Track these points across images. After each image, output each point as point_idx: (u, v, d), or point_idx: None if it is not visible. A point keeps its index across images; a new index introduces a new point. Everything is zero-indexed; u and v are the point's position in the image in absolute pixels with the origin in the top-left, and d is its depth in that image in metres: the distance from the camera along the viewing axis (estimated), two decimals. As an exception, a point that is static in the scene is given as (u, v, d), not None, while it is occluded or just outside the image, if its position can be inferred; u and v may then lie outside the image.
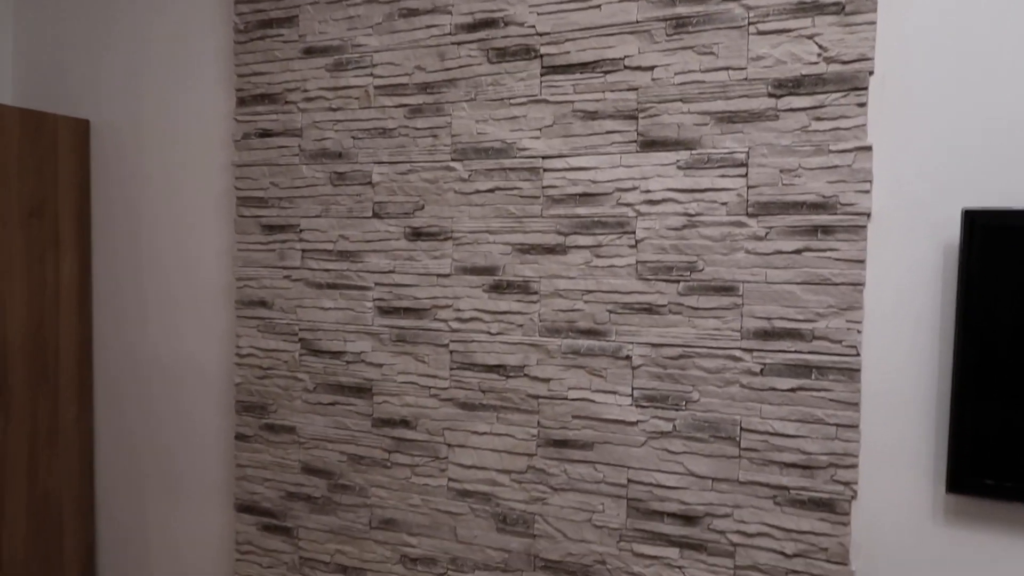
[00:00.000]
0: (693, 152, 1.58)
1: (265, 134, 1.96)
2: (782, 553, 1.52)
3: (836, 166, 1.50)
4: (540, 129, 1.68)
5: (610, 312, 1.64)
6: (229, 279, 2.16)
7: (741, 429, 1.55)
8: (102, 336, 2.40)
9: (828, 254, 1.51)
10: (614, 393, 1.64)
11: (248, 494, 2.02)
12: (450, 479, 1.78)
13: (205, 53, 2.18)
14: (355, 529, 1.89)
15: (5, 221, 2.16)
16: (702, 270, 1.57)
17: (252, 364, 2.00)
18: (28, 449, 2.23)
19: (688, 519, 1.58)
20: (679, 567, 1.59)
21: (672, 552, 1.60)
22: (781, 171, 1.54)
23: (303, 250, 1.93)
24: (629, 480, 1.63)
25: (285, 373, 1.96)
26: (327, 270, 1.90)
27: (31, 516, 2.24)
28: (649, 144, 1.61)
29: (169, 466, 2.29)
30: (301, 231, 1.93)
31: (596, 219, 1.65)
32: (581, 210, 1.65)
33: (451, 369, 1.78)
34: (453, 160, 1.76)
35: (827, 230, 1.51)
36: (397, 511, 1.84)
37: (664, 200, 1.60)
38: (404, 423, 1.83)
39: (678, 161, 1.59)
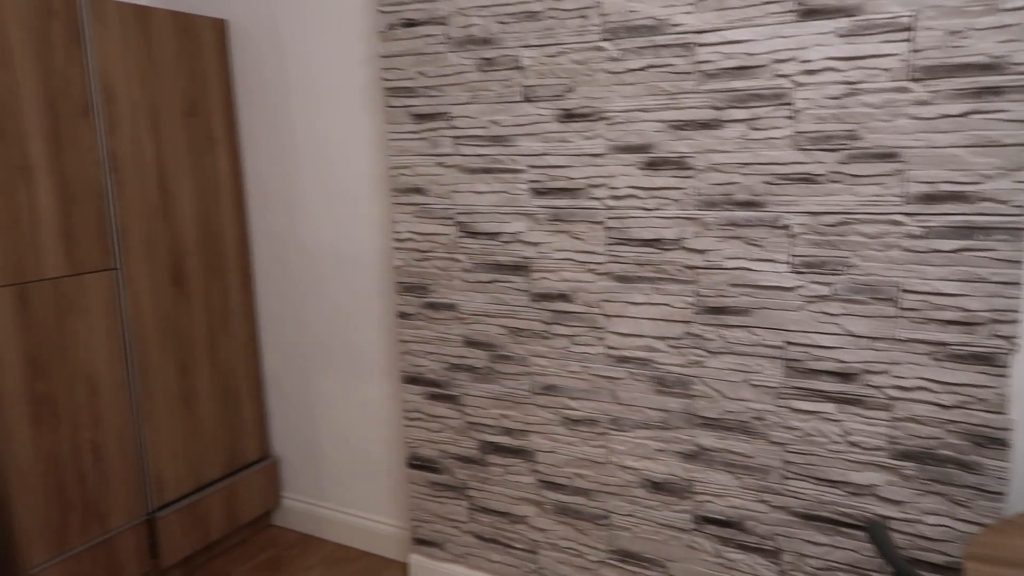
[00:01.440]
0: (854, 19, 1.56)
1: (410, 24, 2.01)
2: (939, 405, 1.61)
3: (1007, 25, 1.48)
4: (693, 3, 1.69)
5: (767, 183, 1.69)
6: (381, 168, 2.27)
7: (901, 290, 1.61)
8: (258, 227, 2.58)
9: (997, 115, 1.51)
10: (771, 261, 1.71)
11: (413, 367, 2.21)
12: (608, 347, 1.92)
13: (337, -56, 2.21)
14: (518, 395, 2.06)
15: (171, 120, 2.30)
16: (863, 138, 1.59)
17: (410, 248, 2.14)
18: (207, 331, 2.46)
19: (845, 376, 1.68)
20: (836, 420, 1.71)
21: (829, 407, 1.71)
22: (949, 33, 1.52)
23: (455, 137, 2.01)
24: (786, 342, 1.72)
25: (443, 255, 2.09)
26: (480, 155, 1.98)
27: (215, 389, 2.50)
28: (808, 13, 1.60)
29: (330, 344, 2.51)
30: (452, 118, 2.00)
31: (752, 92, 1.67)
32: (736, 84, 1.68)
33: (607, 245, 1.87)
34: (603, 40, 1.79)
35: (996, 91, 1.50)
36: (557, 378, 2.00)
37: (823, 70, 1.60)
38: (562, 297, 1.95)
39: (838, 29, 1.58)
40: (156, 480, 2.33)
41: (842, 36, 1.58)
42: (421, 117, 2.05)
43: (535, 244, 1.96)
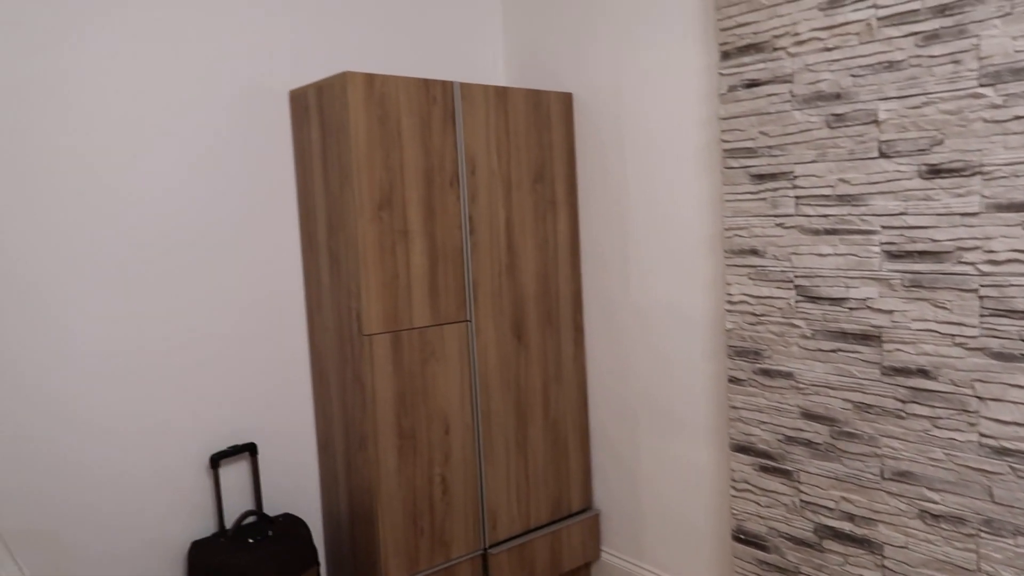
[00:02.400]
0: None
1: (752, 84, 1.98)
2: None
3: None
4: (1108, 34, 1.42)
5: None
6: (714, 229, 2.26)
7: None
8: (590, 285, 2.71)
9: None
10: None
11: (743, 435, 2.12)
12: (982, 434, 1.65)
13: (681, 14, 2.27)
14: (864, 478, 1.86)
15: (519, 186, 2.53)
16: None
17: (744, 311, 2.08)
18: (542, 382, 2.62)
19: None
20: None
21: None
22: None
23: (797, 196, 1.92)
24: None
25: (780, 319, 1.99)
26: (825, 216, 1.87)
27: (546, 437, 2.65)
28: None
29: (656, 402, 2.51)
30: (795, 177, 1.92)
31: None
32: None
33: (981, 316, 1.63)
34: (981, 86, 1.58)
35: None
36: (914, 464, 1.77)
37: None
38: (921, 372, 1.73)
39: None
40: (491, 518, 2.51)
41: None
42: (760, 177, 1.99)
43: (888, 312, 1.77)
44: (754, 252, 2.03)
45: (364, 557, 2.34)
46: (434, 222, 2.34)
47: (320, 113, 2.28)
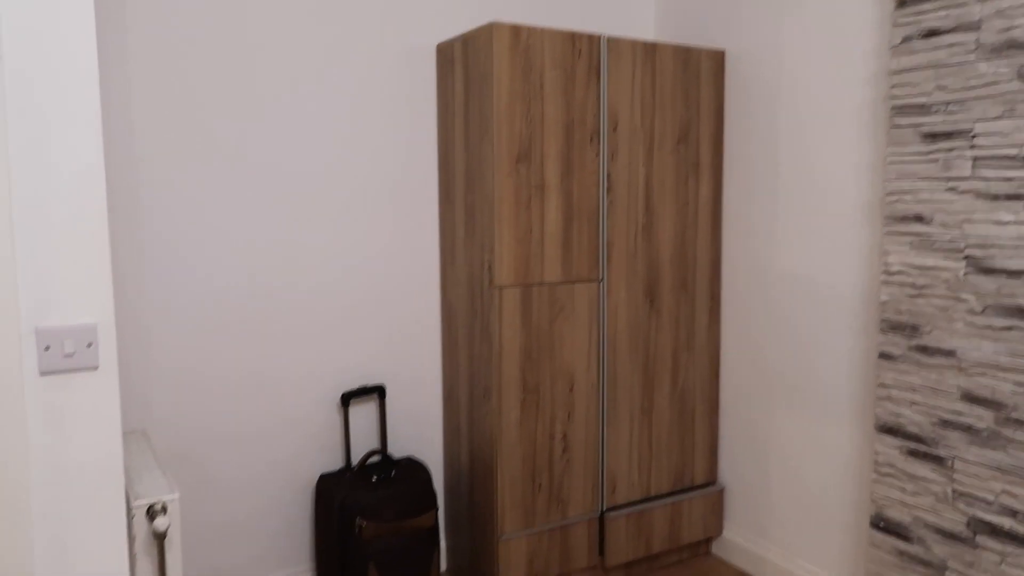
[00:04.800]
0: None
1: (931, 34, 1.82)
2: None
3: None
4: None
5: None
6: (873, 194, 2.10)
7: None
8: (729, 252, 2.60)
9: None
10: None
11: (891, 415, 1.97)
12: None
13: (850, -39, 2.11)
14: (1031, 470, 1.69)
15: (662, 146, 2.46)
16: None
17: (902, 283, 1.92)
18: (672, 349, 2.55)
19: None
20: None
21: None
22: None
23: (975, 157, 1.74)
24: None
25: (944, 293, 1.83)
26: (1007, 179, 1.69)
27: (672, 406, 2.57)
28: None
29: (794, 378, 2.38)
30: (974, 136, 1.74)
31: None
32: None
33: None
34: None
35: None
36: (1095, 458, 1.58)
37: None
38: (1113, 357, 1.54)
39: None
40: (611, 481, 2.47)
41: None
42: (932, 136, 1.83)
43: (1078, 288, 1.58)
44: (918, 219, 1.87)
45: (481, 507, 2.37)
46: (571, 178, 2.31)
47: (464, 65, 2.30)
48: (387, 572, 2.20)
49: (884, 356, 1.97)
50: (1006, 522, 1.74)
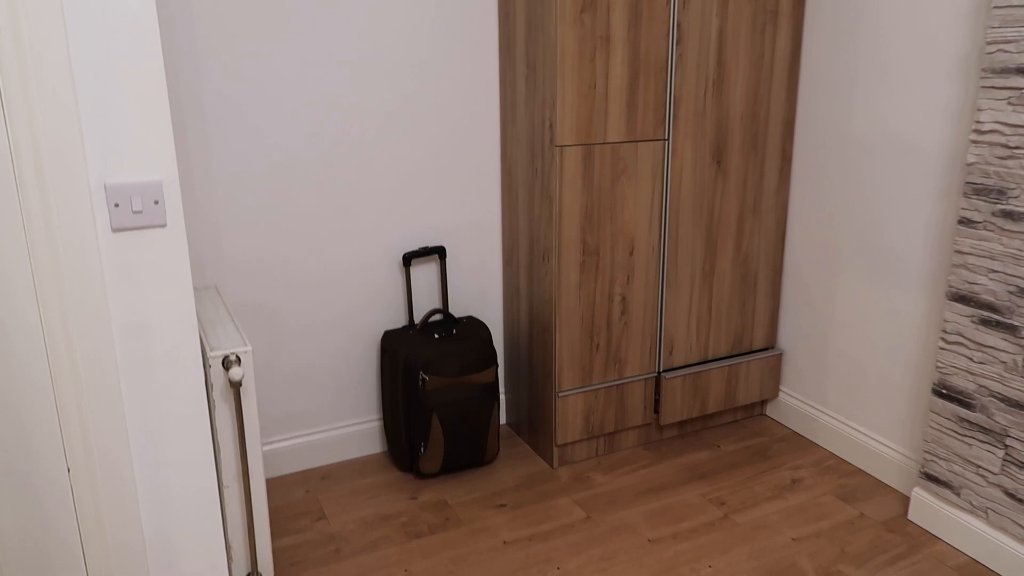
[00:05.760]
0: None
1: None
2: None
3: None
4: None
5: None
6: (971, 45, 1.92)
7: None
8: (805, 109, 2.45)
9: None
10: None
11: (966, 283, 1.89)
12: None
13: None
14: (1113, 341, 1.62)
15: (738, -6, 2.27)
16: None
17: (993, 142, 1.79)
18: (738, 212, 2.47)
19: None
20: None
21: None
22: None
23: (1096, 0, 1.56)
24: None
25: (1040, 153, 1.70)
26: None
27: (735, 270, 2.53)
28: None
29: (865, 243, 2.30)
30: (1098, -25, 1.55)
31: None
32: None
33: None
34: None
35: None
36: None
37: None
38: None
39: None
40: (668, 344, 2.49)
41: None
42: (1049, -24, 1.63)
43: None
44: (1020, 71, 1.71)
45: (540, 365, 2.43)
46: (639, 29, 2.17)
47: (527, -100, 2.12)
48: (450, 424, 2.31)
49: (963, 222, 1.87)
50: (1078, 393, 1.69)
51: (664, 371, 2.51)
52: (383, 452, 2.55)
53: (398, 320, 2.50)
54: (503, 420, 2.73)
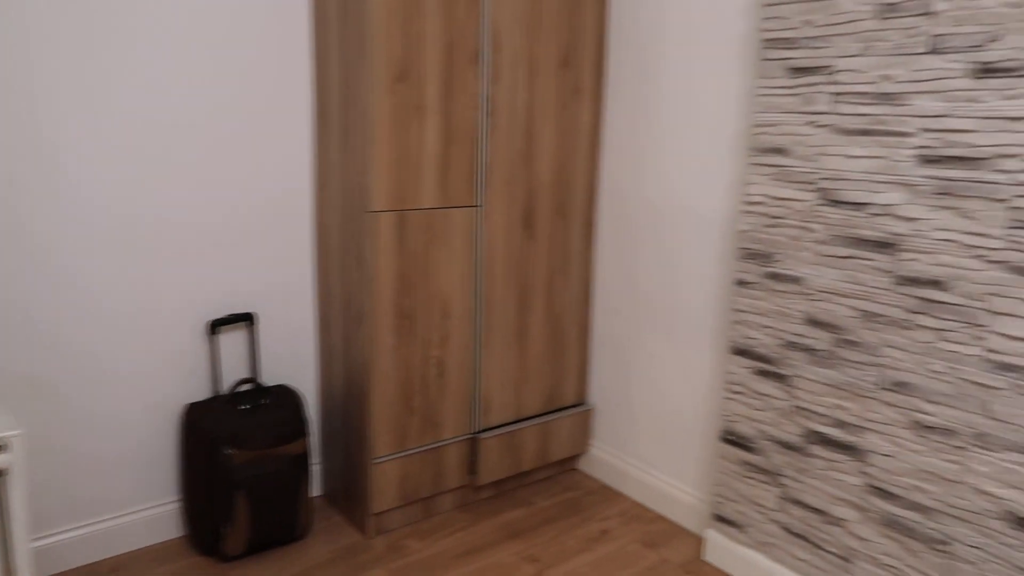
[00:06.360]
0: None
1: (799, -30, 1.87)
2: None
3: None
4: None
5: None
6: (741, 125, 2.18)
7: None
8: (607, 178, 2.64)
9: None
10: None
11: (744, 338, 2.10)
12: (988, 349, 1.63)
13: None
14: (860, 386, 1.85)
15: (545, 69, 2.44)
16: None
17: (760, 212, 2.02)
18: (547, 274, 2.60)
19: None
20: None
21: None
22: None
23: (834, 93, 1.84)
24: None
25: (796, 223, 1.94)
26: (861, 115, 1.79)
27: (546, 330, 2.64)
28: None
29: (660, 302, 2.49)
30: (834, 72, 1.83)
31: None
32: None
33: (1007, 228, 1.58)
34: (1046, -20, 1.49)
35: None
36: (914, 375, 1.75)
37: None
38: (934, 284, 1.70)
39: None
40: (484, 404, 2.53)
41: None
42: (798, 71, 1.91)
43: (910, 220, 1.72)
44: (780, 151, 1.97)
45: (355, 431, 2.37)
46: (451, 100, 2.26)
47: (340, -29, 2.17)
48: (256, 500, 2.18)
49: (740, 283, 2.09)
50: (835, 433, 1.91)
51: (481, 431, 2.54)
52: (183, 536, 2.34)
53: (204, 392, 2.34)
54: (318, 492, 2.62)
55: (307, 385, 2.56)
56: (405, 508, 2.44)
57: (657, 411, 2.55)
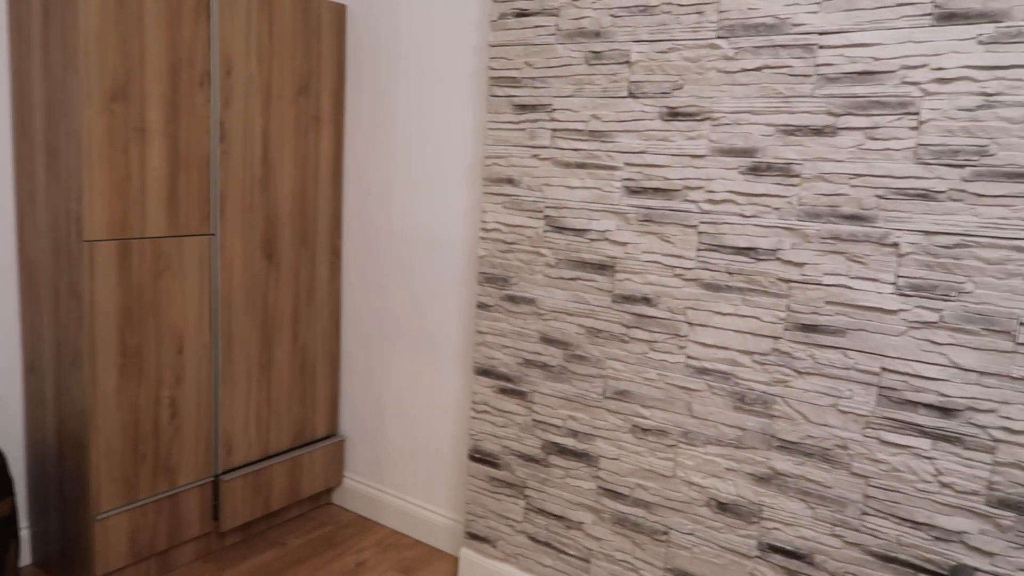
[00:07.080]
0: (999, 25, 1.46)
1: (522, 14, 2.01)
2: (1053, 454, 1.47)
3: None
4: (819, 2, 1.62)
5: (879, 197, 1.59)
6: (476, 157, 2.28)
7: (1020, 323, 1.48)
8: (350, 206, 2.63)
9: None
10: (875, 280, 1.60)
11: (486, 359, 2.19)
12: (688, 356, 1.84)
13: (457, -65, 2.24)
14: (589, 397, 2.01)
15: (281, 96, 2.38)
16: (994, 155, 1.48)
17: (496, 239, 2.13)
18: (292, 305, 2.51)
19: (946, 411, 1.56)
20: (929, 458, 1.58)
21: (923, 443, 1.58)
22: (1098, 49, 1.40)
23: (553, 129, 1.99)
24: (883, 368, 1.61)
25: (528, 248, 2.07)
26: (576, 149, 1.96)
27: (293, 362, 2.55)
28: (946, 17, 1.50)
29: (408, 328, 2.52)
30: (553, 111, 1.99)
31: (874, 99, 1.58)
32: (858, 89, 1.59)
33: (698, 250, 1.80)
34: (718, 37, 1.74)
35: None
36: (632, 383, 1.93)
37: (958, 79, 1.50)
38: (645, 300, 1.89)
39: (980, 36, 1.48)
40: (226, 444, 2.38)
41: (984, 43, 1.48)
42: (522, 108, 2.04)
43: (622, 244, 1.91)
44: (510, 181, 2.09)
45: (73, 486, 2.11)
46: (178, 123, 2.12)
47: (41, -24, 1.96)
48: (-57, 576, 1.86)
49: (481, 306, 2.18)
50: (569, 442, 2.06)
51: (222, 473, 2.38)
52: None
53: None
54: (28, 560, 2.28)
55: (13, 437, 2.24)
56: (138, 565, 2.22)
57: (409, 437, 2.56)
